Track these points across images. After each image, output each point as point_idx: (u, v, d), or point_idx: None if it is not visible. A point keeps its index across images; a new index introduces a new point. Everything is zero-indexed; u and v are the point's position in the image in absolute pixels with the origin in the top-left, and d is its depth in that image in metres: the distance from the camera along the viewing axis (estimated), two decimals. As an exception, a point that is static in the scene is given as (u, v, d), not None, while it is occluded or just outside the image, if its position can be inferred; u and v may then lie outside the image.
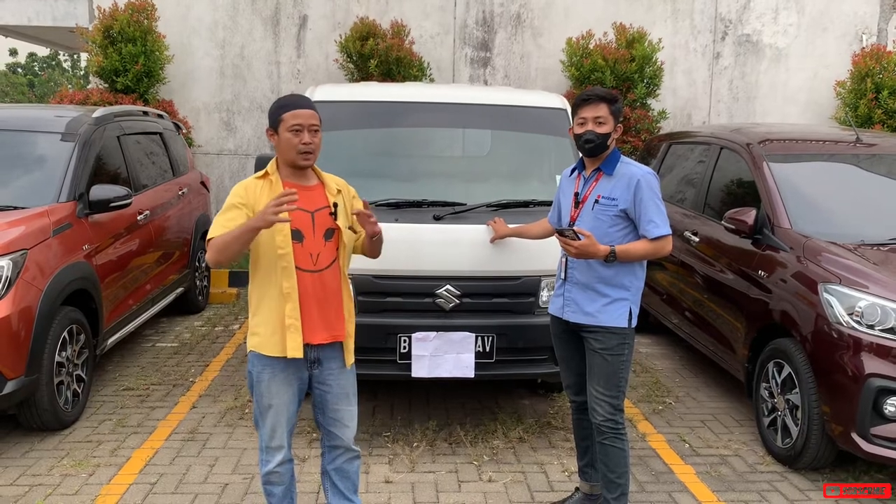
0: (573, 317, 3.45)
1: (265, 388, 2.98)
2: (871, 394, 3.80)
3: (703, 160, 5.98)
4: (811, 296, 4.17)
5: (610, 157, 3.39)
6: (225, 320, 7.14)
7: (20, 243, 4.29)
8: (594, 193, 3.38)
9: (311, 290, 2.92)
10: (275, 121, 2.91)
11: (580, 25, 8.86)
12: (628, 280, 3.37)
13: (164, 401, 5.10)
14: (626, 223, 3.34)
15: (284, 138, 2.88)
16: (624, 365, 3.39)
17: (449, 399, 5.13)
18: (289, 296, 2.88)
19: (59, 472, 4.07)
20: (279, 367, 2.95)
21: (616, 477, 3.43)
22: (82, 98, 8.16)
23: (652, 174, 3.36)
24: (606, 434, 3.40)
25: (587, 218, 3.38)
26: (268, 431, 3.02)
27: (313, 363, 2.99)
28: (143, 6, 8.36)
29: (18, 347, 4.16)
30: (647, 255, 3.33)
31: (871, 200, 5.01)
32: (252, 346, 2.99)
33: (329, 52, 8.86)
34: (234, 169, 9.09)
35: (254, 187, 2.93)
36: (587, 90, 3.45)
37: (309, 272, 2.91)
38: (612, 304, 3.36)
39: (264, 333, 2.94)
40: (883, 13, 9.30)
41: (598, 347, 3.37)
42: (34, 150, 5.14)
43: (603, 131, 3.32)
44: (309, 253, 2.91)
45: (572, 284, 3.44)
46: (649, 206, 3.27)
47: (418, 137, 5.02)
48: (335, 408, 3.07)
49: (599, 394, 3.39)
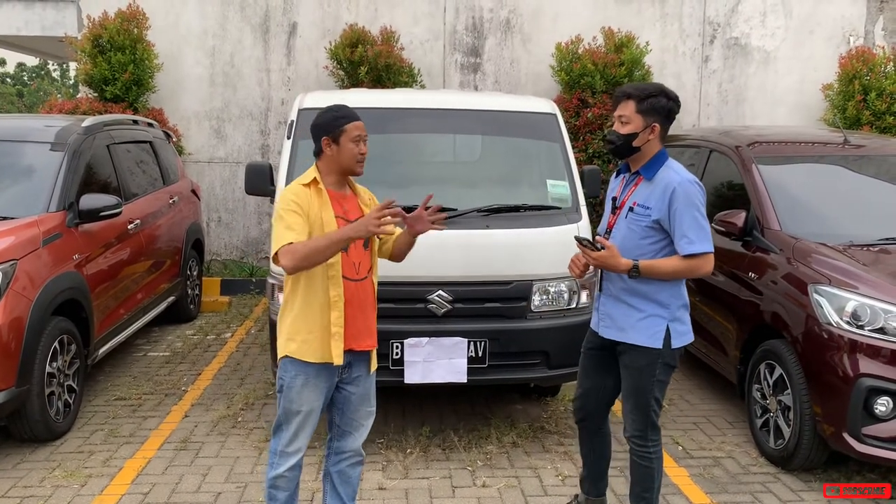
0: (607, 332, 3.26)
1: (296, 395, 3.00)
2: (861, 394, 3.82)
3: (692, 163, 6.00)
4: (801, 297, 4.19)
5: (652, 161, 3.12)
6: (217, 329, 7.12)
7: (10, 254, 4.27)
8: (631, 199, 3.16)
9: (353, 299, 2.99)
10: (335, 130, 2.97)
11: (569, 30, 8.88)
12: (664, 295, 3.11)
13: (156, 410, 5.08)
14: (660, 235, 3.09)
15: (347, 147, 2.97)
16: (653, 385, 3.16)
17: (442, 404, 5.13)
18: (335, 304, 2.94)
19: (51, 483, 4.05)
20: (313, 372, 2.99)
21: (642, 490, 3.34)
22: (72, 107, 8.13)
23: (694, 182, 3.07)
24: (634, 451, 3.31)
25: (621, 226, 3.16)
26: (289, 436, 3.04)
27: (345, 368, 3.05)
28: (134, 15, 8.34)
29: (9, 358, 4.13)
30: (678, 275, 3.07)
31: (859, 202, 5.05)
32: (289, 353, 3.00)
33: (319, 59, 8.86)
34: (224, 177, 9.07)
35: (303, 194, 2.96)
36: (620, 87, 3.23)
37: (353, 281, 2.99)
38: (645, 321, 3.13)
39: (306, 340, 2.96)
40: (869, 15, 9.36)
41: (627, 363, 3.22)
42: (23, 160, 5.13)
43: (626, 131, 3.10)
44: (353, 262, 2.99)
45: (607, 297, 3.25)
46: (685, 218, 3.00)
47: (409, 143, 5.03)
48: (357, 408, 3.14)
49: (628, 411, 3.27)
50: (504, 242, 4.33)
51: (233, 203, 9.11)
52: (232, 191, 9.08)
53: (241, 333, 6.96)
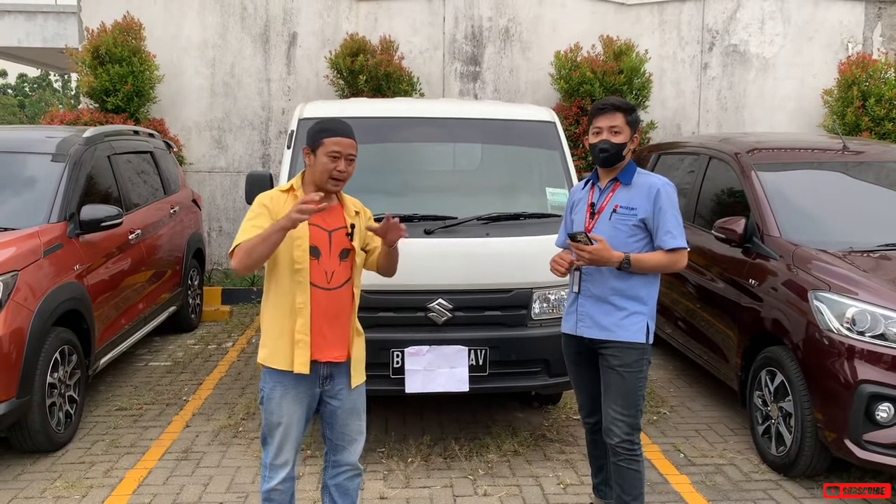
0: (588, 332, 3.36)
1: (276, 406, 2.98)
2: (862, 400, 3.81)
3: (692, 170, 6.02)
4: (802, 303, 4.19)
5: (627, 168, 3.37)
6: (218, 338, 7.12)
7: (11, 264, 4.28)
8: (611, 203, 3.34)
9: (322, 308, 2.95)
10: (314, 142, 2.96)
11: (568, 38, 8.91)
12: (645, 292, 3.31)
13: (157, 420, 5.08)
14: (643, 234, 3.30)
15: (321, 161, 2.94)
16: (642, 382, 3.32)
17: (443, 413, 5.12)
18: (301, 311, 2.92)
19: (52, 494, 4.04)
20: (290, 383, 2.97)
21: (631, 499, 3.36)
22: (73, 118, 8.16)
23: (671, 185, 3.34)
24: (622, 456, 3.33)
25: (604, 227, 3.33)
26: (274, 448, 3.02)
27: (325, 380, 3.02)
28: (131, 26, 8.37)
29: (10, 369, 4.14)
30: (661, 268, 3.29)
31: (859, 208, 5.05)
32: (261, 359, 3.00)
33: (319, 68, 8.89)
34: (225, 186, 9.09)
35: (278, 199, 2.97)
36: (603, 100, 3.41)
37: (323, 289, 2.95)
38: (628, 318, 3.29)
39: (273, 346, 2.96)
40: (868, 22, 9.39)
41: (615, 364, 3.29)
42: (25, 171, 5.14)
43: (619, 141, 3.30)
44: (324, 270, 2.95)
45: (586, 298, 3.37)
46: (668, 216, 3.24)
47: (408, 152, 5.04)
48: (346, 422, 3.10)
49: (617, 413, 3.30)
50: (504, 251, 4.33)
51: (234, 213, 9.12)
52: (233, 200, 9.10)
53: (242, 343, 6.95)
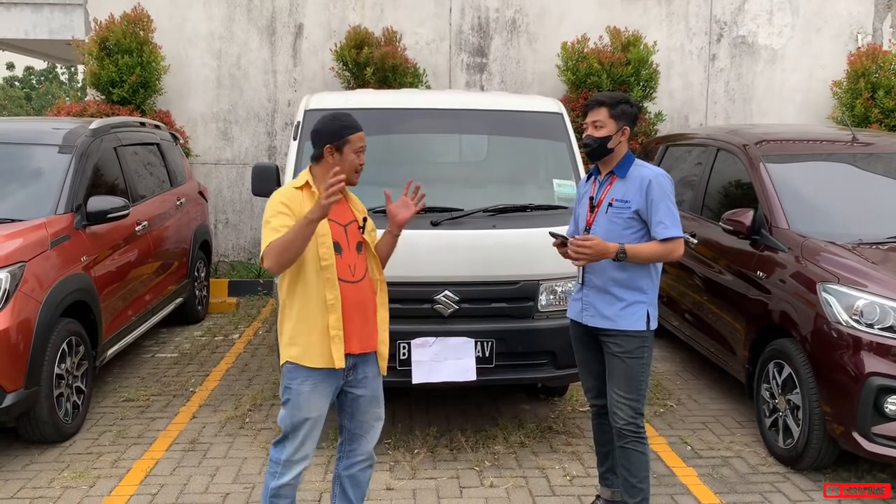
0: (592, 321, 3.45)
1: (304, 401, 2.97)
2: (871, 393, 3.79)
3: (700, 162, 5.99)
4: (810, 295, 4.17)
5: (623, 161, 3.41)
6: (225, 330, 7.14)
7: (18, 255, 4.29)
8: (608, 197, 3.41)
9: (352, 301, 2.98)
10: (338, 139, 2.98)
11: (575, 30, 8.86)
12: (644, 282, 3.38)
13: (164, 411, 5.09)
14: (639, 225, 3.35)
15: (349, 158, 3.00)
16: (644, 368, 3.40)
17: (449, 405, 5.13)
18: (333, 307, 2.93)
19: (60, 484, 4.06)
20: (320, 378, 2.97)
21: (637, 482, 3.41)
22: (79, 110, 8.16)
23: (664, 176, 3.37)
24: (628, 438, 3.39)
25: (602, 221, 3.40)
26: (297, 444, 3.00)
27: (350, 370, 3.04)
28: (139, 17, 8.37)
29: (17, 360, 4.15)
30: (656, 257, 3.34)
31: (868, 199, 5.02)
32: (291, 358, 2.98)
33: (325, 60, 8.87)
34: (232, 178, 9.09)
35: (295, 197, 2.97)
36: (592, 96, 3.49)
37: (349, 283, 2.99)
38: (629, 308, 3.36)
39: (306, 344, 2.95)
40: (877, 13, 9.31)
41: (617, 351, 3.38)
42: (32, 163, 5.15)
43: (600, 135, 3.37)
44: (347, 264, 2.99)
45: (590, 288, 3.46)
46: (660, 207, 3.29)
47: (415, 144, 5.02)
48: (366, 410, 3.13)
49: (620, 397, 3.38)
50: (511, 242, 4.32)
51: (240, 204, 9.13)
52: (239, 192, 9.10)
53: (248, 334, 6.97)
